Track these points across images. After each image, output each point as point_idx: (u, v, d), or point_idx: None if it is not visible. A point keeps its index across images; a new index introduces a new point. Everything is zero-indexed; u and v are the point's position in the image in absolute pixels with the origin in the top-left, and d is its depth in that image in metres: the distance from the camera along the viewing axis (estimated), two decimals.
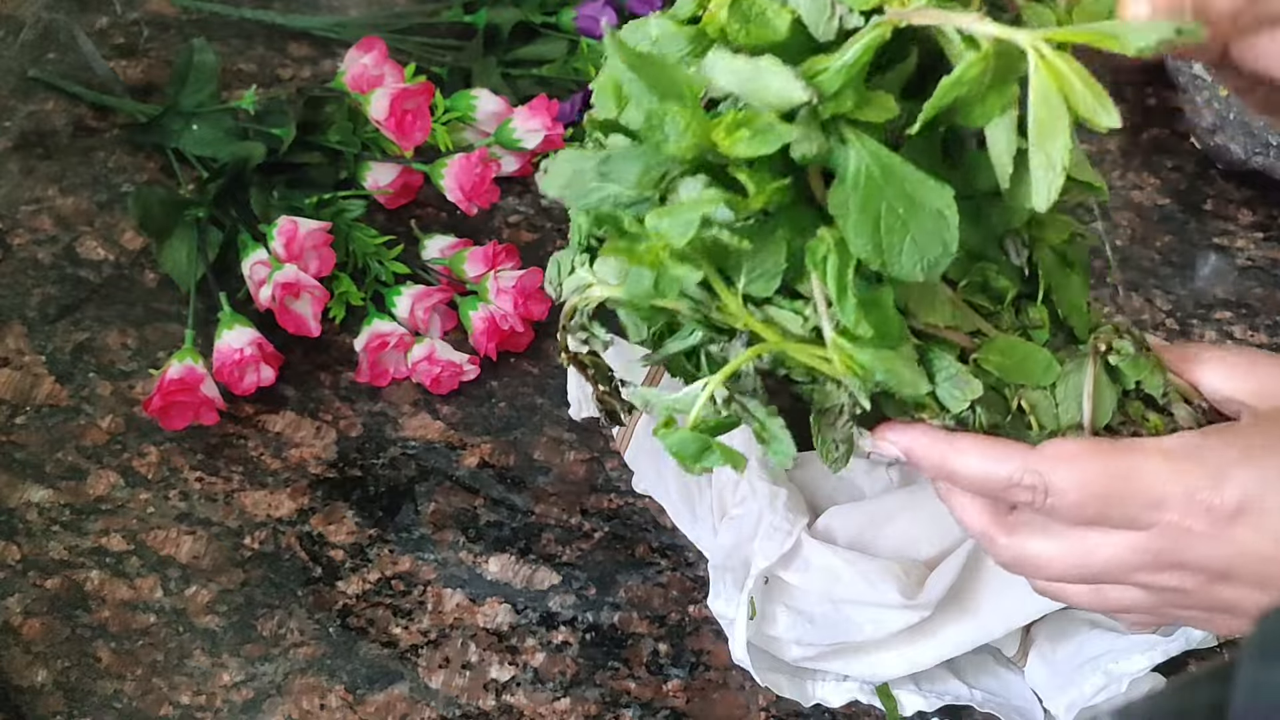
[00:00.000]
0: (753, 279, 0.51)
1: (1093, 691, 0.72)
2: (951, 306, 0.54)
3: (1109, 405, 0.54)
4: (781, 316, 0.52)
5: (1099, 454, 0.51)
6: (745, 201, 0.49)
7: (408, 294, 0.87)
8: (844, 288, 0.49)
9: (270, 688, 0.75)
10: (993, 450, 0.53)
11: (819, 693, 0.74)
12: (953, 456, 0.54)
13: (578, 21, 0.99)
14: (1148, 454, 0.51)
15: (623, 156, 0.51)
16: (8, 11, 1.05)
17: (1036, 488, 0.52)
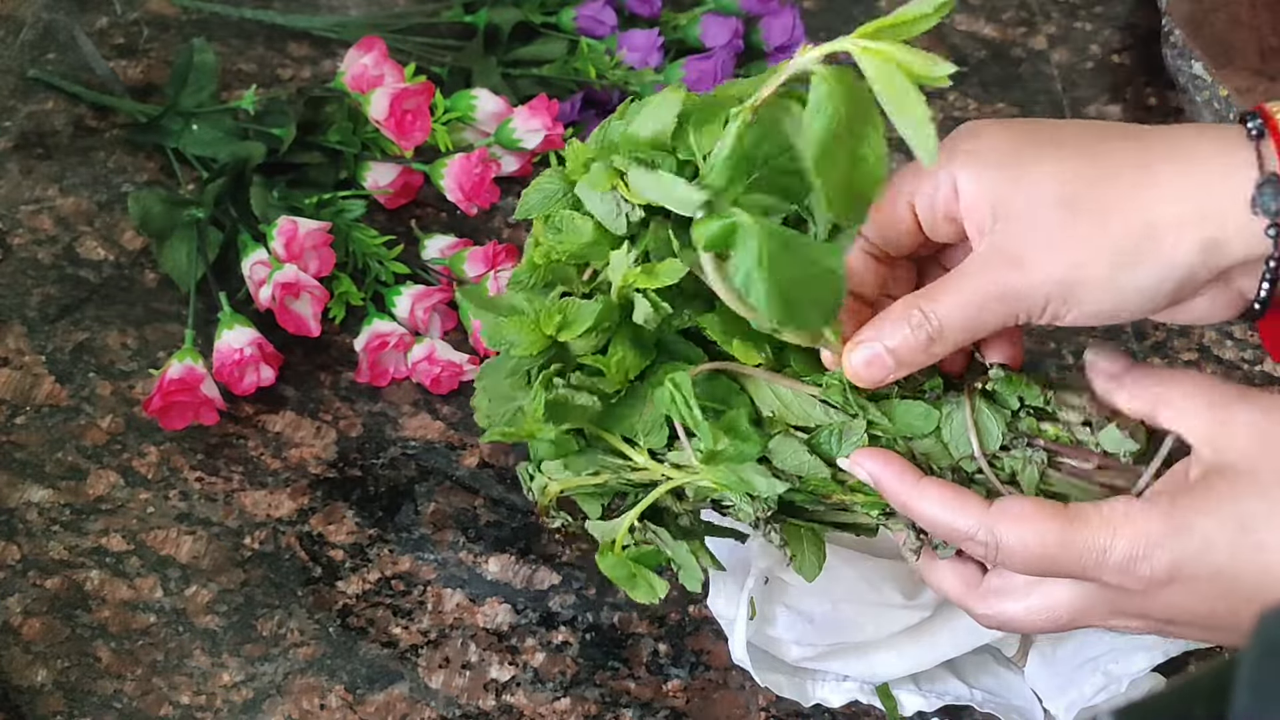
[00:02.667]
0: (648, 436, 0.62)
1: (1093, 692, 0.72)
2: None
3: (994, 430, 0.59)
4: (680, 458, 0.63)
5: (1044, 517, 0.55)
6: (605, 380, 0.61)
7: (408, 294, 0.87)
8: (695, 417, 0.59)
9: (270, 688, 0.75)
10: (953, 502, 0.58)
11: (819, 693, 0.74)
12: (916, 499, 0.58)
13: (578, 21, 0.99)
14: (1088, 521, 0.55)
15: (491, 368, 0.65)
16: (8, 11, 1.05)
17: (989, 544, 0.57)
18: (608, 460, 0.64)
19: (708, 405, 0.61)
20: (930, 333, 0.58)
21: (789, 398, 0.61)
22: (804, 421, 0.61)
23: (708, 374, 0.62)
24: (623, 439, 0.63)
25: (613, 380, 0.62)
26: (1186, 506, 0.54)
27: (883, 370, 0.59)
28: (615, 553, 0.64)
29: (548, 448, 0.63)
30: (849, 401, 0.60)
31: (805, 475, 0.61)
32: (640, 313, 0.60)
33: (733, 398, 0.62)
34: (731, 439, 0.60)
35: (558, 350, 0.62)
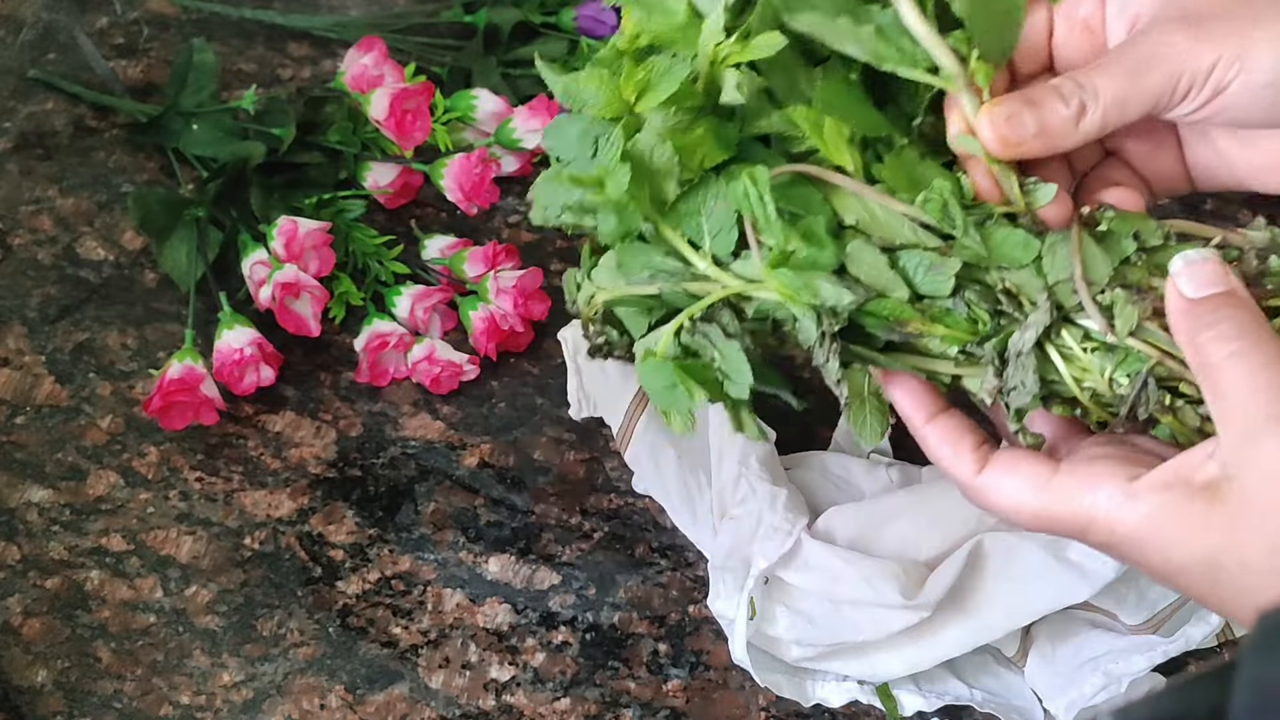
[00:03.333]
0: (714, 240, 0.57)
1: (1093, 692, 0.72)
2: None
3: (1102, 266, 0.54)
4: (745, 269, 0.57)
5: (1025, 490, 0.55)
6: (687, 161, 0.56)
7: (408, 294, 0.87)
8: (766, 212, 0.54)
9: (270, 688, 0.75)
10: (952, 450, 0.57)
11: (819, 693, 0.74)
12: (922, 432, 0.57)
13: (578, 21, 0.99)
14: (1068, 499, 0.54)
15: (558, 126, 0.59)
16: (8, 11, 1.05)
17: (979, 505, 0.57)
18: (666, 263, 0.58)
19: (785, 208, 0.55)
20: (1083, 100, 0.54)
21: (877, 210, 0.56)
22: (890, 238, 0.56)
23: (789, 179, 0.56)
24: (687, 241, 0.58)
25: (688, 164, 0.56)
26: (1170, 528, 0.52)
27: (1021, 131, 0.54)
28: (659, 356, 0.58)
29: (609, 224, 0.57)
30: (946, 218, 0.55)
31: (882, 290, 0.55)
32: (729, 89, 0.55)
33: (814, 205, 0.56)
34: (806, 243, 0.55)
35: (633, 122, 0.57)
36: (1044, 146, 0.55)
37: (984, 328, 0.55)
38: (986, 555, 0.72)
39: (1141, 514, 0.52)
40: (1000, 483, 0.55)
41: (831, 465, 0.79)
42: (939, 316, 0.56)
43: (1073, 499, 0.54)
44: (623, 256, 0.58)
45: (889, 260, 0.55)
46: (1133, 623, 0.72)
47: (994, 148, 0.55)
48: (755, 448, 0.77)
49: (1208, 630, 0.72)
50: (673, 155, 0.56)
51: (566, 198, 0.58)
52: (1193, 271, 0.53)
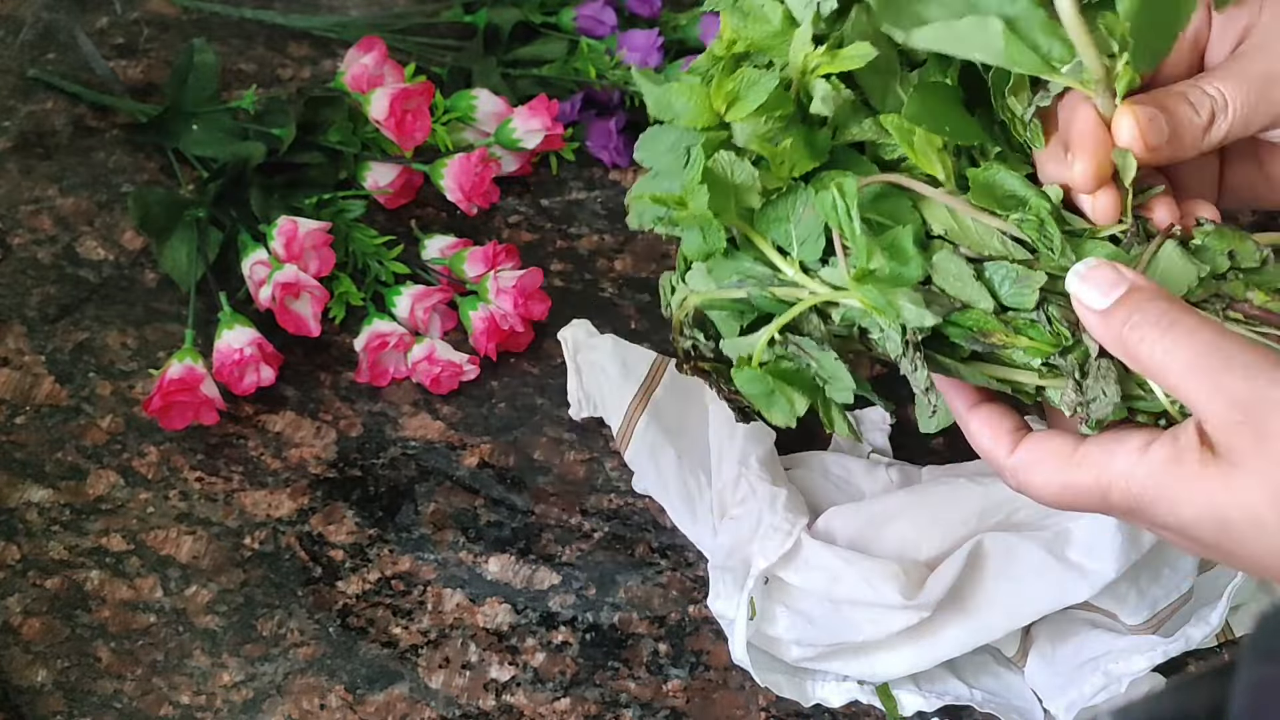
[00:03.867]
0: (802, 247, 0.57)
1: (1092, 692, 0.72)
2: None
3: (1182, 279, 0.54)
4: (832, 276, 0.57)
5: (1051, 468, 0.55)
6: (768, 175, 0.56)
7: (408, 294, 0.87)
8: (852, 227, 0.54)
9: (270, 688, 0.75)
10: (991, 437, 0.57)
11: (819, 693, 0.74)
12: (965, 418, 0.58)
13: (578, 21, 0.99)
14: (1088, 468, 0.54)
15: (650, 138, 0.60)
16: (8, 11, 1.05)
17: (1013, 486, 0.57)
18: (755, 270, 0.59)
19: (874, 219, 0.56)
20: (1214, 109, 0.54)
21: (967, 223, 0.56)
22: (978, 250, 0.56)
23: (880, 189, 0.57)
24: (775, 247, 0.58)
25: (777, 173, 0.57)
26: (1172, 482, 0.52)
27: (1158, 135, 0.54)
28: (753, 366, 0.58)
29: (694, 239, 0.58)
30: (1043, 237, 0.55)
31: (967, 302, 0.55)
32: (818, 98, 0.56)
33: (903, 214, 0.57)
34: (890, 257, 0.55)
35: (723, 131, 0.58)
36: (1171, 153, 0.55)
37: (1066, 341, 0.55)
38: (986, 555, 0.72)
39: (1148, 472, 0.52)
40: (1029, 461, 0.56)
41: (831, 465, 0.80)
42: (1023, 329, 0.56)
43: (1093, 468, 0.54)
44: (712, 264, 0.59)
45: (975, 271, 0.55)
46: (1133, 623, 0.72)
47: (1136, 149, 0.54)
48: (755, 448, 0.77)
49: (1208, 630, 0.72)
50: (753, 172, 0.56)
51: (655, 212, 0.59)
52: (1090, 281, 0.53)
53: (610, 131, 0.95)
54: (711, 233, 0.58)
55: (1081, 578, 0.71)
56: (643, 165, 0.61)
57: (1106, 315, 0.52)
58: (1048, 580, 0.71)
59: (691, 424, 0.80)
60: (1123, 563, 0.70)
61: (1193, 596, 0.73)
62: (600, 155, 0.96)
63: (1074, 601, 0.71)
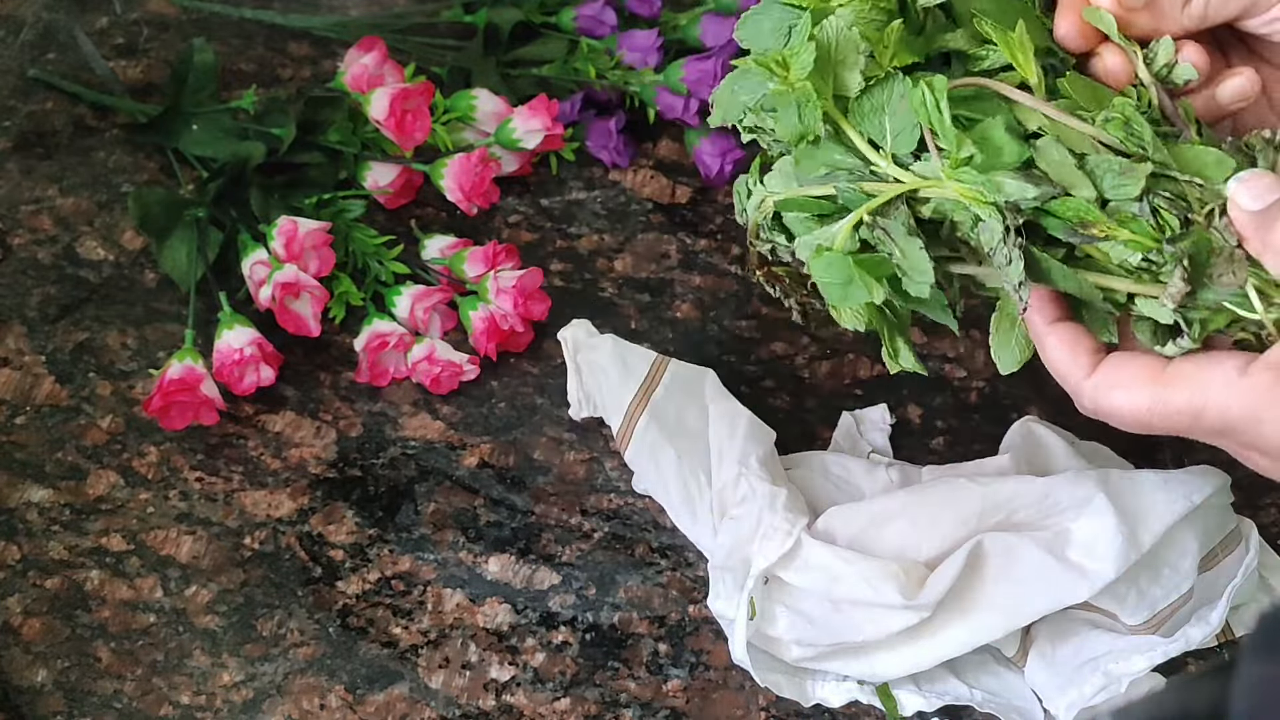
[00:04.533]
0: (895, 139, 0.57)
1: (1093, 692, 0.72)
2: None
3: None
4: (925, 170, 0.57)
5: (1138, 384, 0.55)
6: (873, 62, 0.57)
7: (408, 294, 0.87)
8: (942, 121, 0.55)
9: (270, 688, 0.75)
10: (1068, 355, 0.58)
11: (819, 692, 0.74)
12: (1043, 333, 0.59)
13: (578, 21, 0.99)
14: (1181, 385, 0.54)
15: (753, 16, 0.59)
16: (8, 11, 1.05)
17: (1090, 410, 0.58)
18: (845, 160, 0.59)
19: (965, 116, 0.56)
20: None
21: (1061, 125, 0.57)
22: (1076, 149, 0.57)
23: (972, 93, 0.57)
24: (867, 140, 0.58)
25: (880, 59, 0.57)
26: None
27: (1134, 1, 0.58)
28: (837, 249, 0.58)
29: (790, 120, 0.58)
30: (1130, 137, 0.56)
31: (1069, 186, 0.55)
32: None
33: (995, 112, 0.57)
34: (982, 149, 0.56)
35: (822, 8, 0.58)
36: (1151, 22, 0.58)
37: (1171, 233, 0.55)
38: (986, 555, 0.72)
39: (1250, 387, 0.53)
40: (1113, 380, 0.56)
41: (831, 465, 0.80)
42: (1125, 221, 0.55)
43: (1186, 387, 0.54)
44: (801, 155, 0.59)
45: (1077, 161, 0.56)
46: (1133, 623, 0.72)
47: (1109, 5, 0.57)
48: (755, 447, 0.77)
49: (1208, 630, 0.72)
50: (859, 42, 0.56)
51: (749, 95, 0.59)
52: (1249, 186, 0.55)
53: (610, 131, 0.96)
54: (809, 111, 0.57)
55: (1081, 578, 0.71)
56: (741, 44, 0.60)
57: (1259, 215, 0.54)
58: (1048, 580, 0.71)
59: (691, 424, 0.80)
60: (1122, 563, 0.70)
61: (1193, 596, 0.73)
62: (600, 155, 0.96)
63: (1074, 602, 0.71)
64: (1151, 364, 0.56)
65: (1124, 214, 0.55)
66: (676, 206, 0.95)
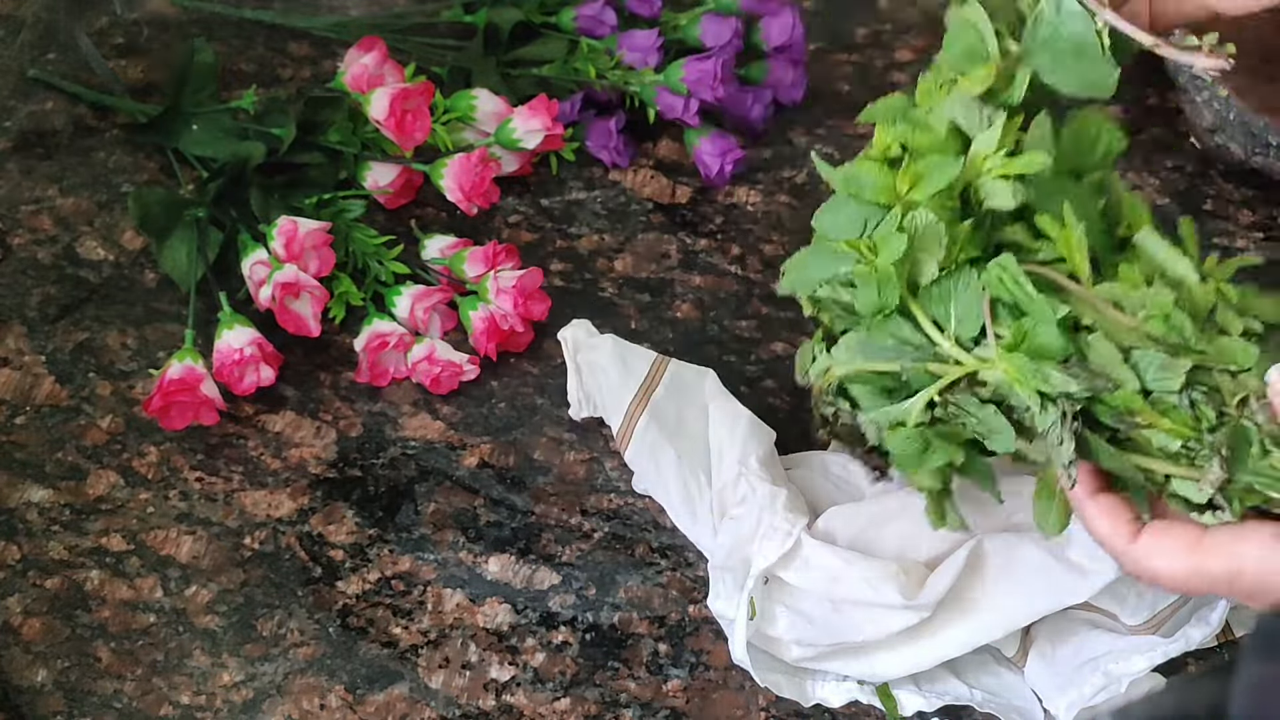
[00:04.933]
0: (960, 324, 0.63)
1: (1092, 692, 0.72)
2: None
3: None
4: (984, 354, 0.62)
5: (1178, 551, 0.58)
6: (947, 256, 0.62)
7: (408, 294, 0.87)
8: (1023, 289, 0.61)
9: (270, 688, 0.75)
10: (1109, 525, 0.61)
11: (819, 692, 0.74)
12: (1085, 505, 0.61)
13: (578, 21, 0.99)
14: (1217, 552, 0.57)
15: (831, 208, 0.65)
16: (8, 11, 1.05)
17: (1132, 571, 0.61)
18: (912, 338, 0.64)
19: (1018, 308, 0.61)
20: None
21: (1109, 316, 0.61)
22: (1122, 340, 0.61)
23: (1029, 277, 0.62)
24: (934, 324, 0.64)
25: (950, 252, 0.63)
26: None
27: None
28: (910, 425, 0.64)
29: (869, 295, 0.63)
30: (1170, 331, 0.60)
31: (1115, 380, 0.60)
32: (1001, 195, 0.62)
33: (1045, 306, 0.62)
34: (1031, 339, 0.61)
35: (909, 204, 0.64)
36: None
37: (1209, 423, 0.59)
38: (986, 555, 0.72)
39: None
40: (1155, 547, 0.59)
41: (831, 465, 0.80)
42: (1166, 411, 0.60)
43: (1223, 556, 0.57)
44: (874, 328, 0.64)
45: (1123, 356, 0.60)
46: (1133, 623, 0.72)
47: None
48: (755, 447, 0.77)
49: (1208, 631, 0.72)
50: (943, 234, 0.62)
51: (822, 271, 0.65)
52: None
53: (610, 131, 0.96)
54: (888, 290, 0.63)
55: (1082, 578, 0.71)
56: (819, 230, 0.66)
57: None
58: (1048, 580, 0.71)
59: (691, 424, 0.80)
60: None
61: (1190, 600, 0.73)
62: (600, 155, 0.96)
63: (1074, 602, 0.71)
64: (1189, 533, 0.59)
65: (1166, 404, 0.60)
66: (676, 206, 0.95)
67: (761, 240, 0.93)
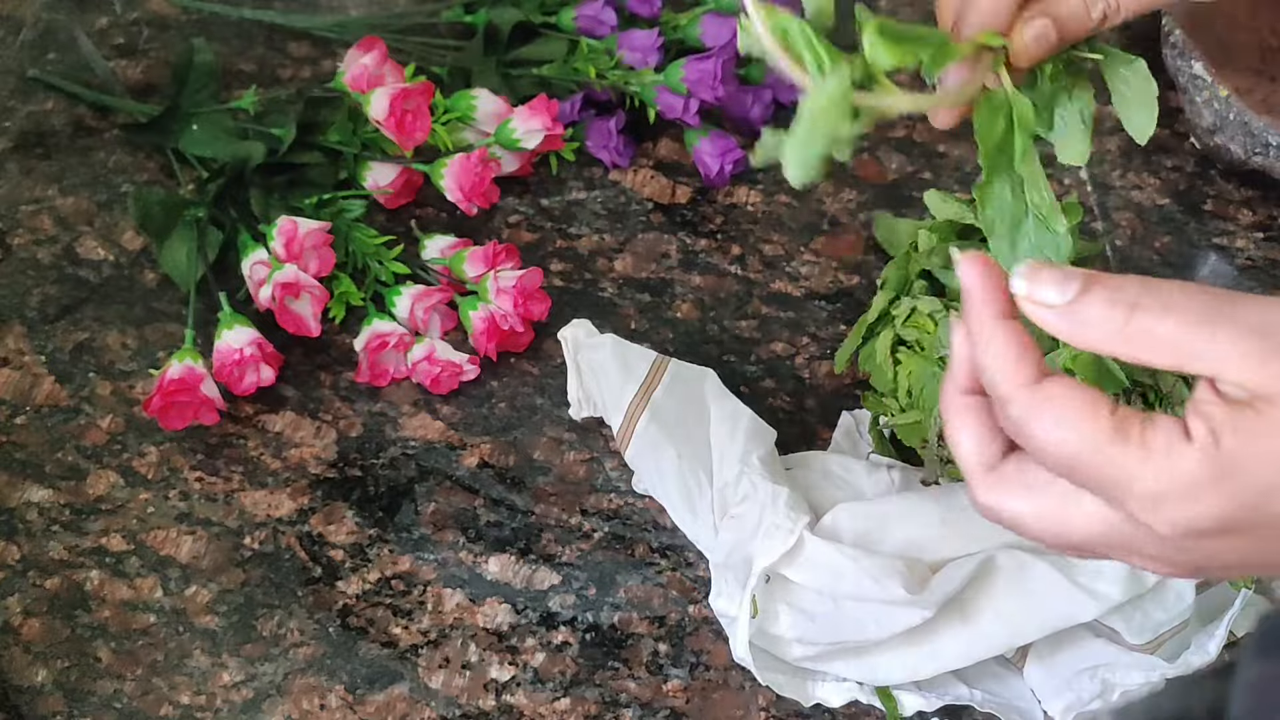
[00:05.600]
0: None
1: (1090, 697, 0.73)
2: None
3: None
4: None
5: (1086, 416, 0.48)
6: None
7: (408, 294, 0.87)
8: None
9: (270, 688, 0.75)
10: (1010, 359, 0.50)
11: (819, 692, 0.74)
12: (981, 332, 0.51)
13: (578, 21, 0.99)
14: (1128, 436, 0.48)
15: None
16: (8, 11, 1.05)
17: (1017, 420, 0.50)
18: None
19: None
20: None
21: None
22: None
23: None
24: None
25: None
26: (1234, 449, 0.46)
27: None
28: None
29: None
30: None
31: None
32: None
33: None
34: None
35: None
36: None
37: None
38: (998, 569, 0.72)
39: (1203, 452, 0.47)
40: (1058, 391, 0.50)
41: (832, 465, 0.79)
42: None
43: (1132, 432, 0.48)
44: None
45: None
46: (1135, 642, 0.72)
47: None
48: (756, 446, 0.77)
49: (1206, 659, 0.72)
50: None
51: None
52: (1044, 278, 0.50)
53: (610, 131, 0.96)
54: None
55: (1090, 599, 0.71)
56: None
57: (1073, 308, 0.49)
58: (1057, 598, 0.71)
59: (691, 423, 0.80)
60: (1128, 589, 0.70)
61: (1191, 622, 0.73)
62: (600, 155, 0.96)
63: (1080, 621, 0.71)
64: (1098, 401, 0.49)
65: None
66: (676, 206, 0.95)
67: (761, 240, 0.93)
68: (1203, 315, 0.47)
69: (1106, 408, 0.48)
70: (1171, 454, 0.47)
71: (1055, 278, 0.49)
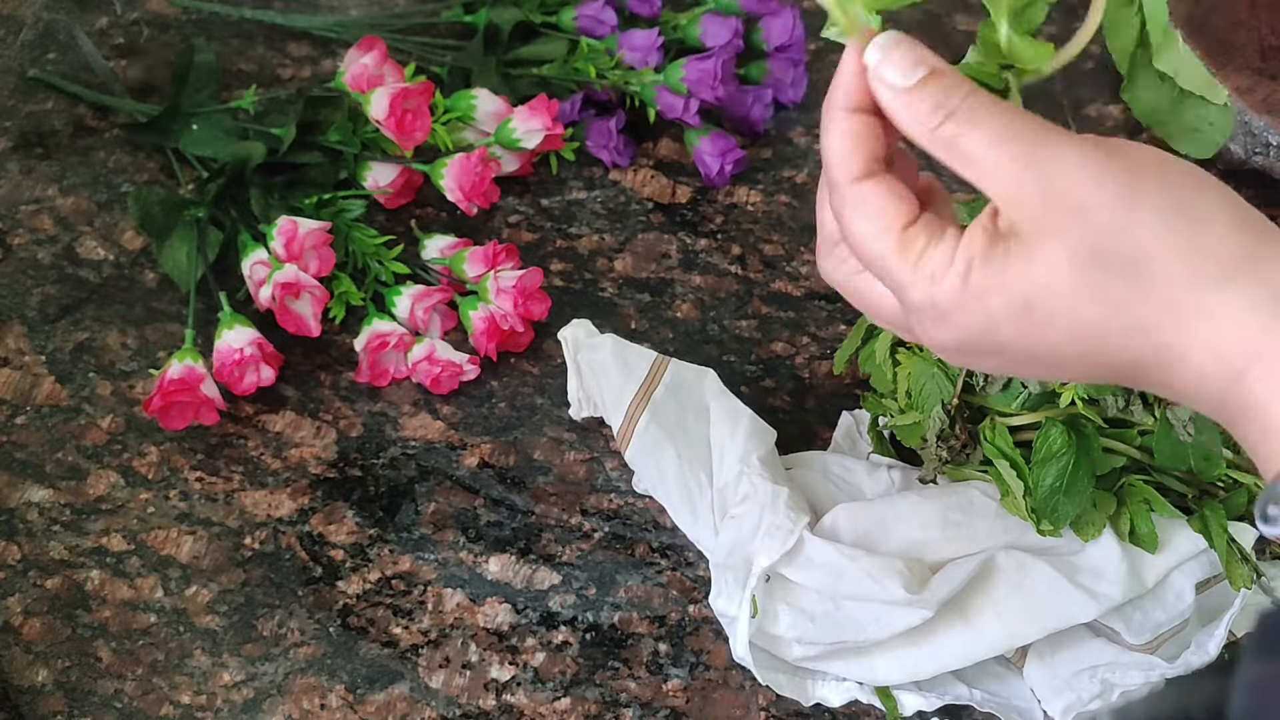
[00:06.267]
0: None
1: (1089, 697, 0.72)
2: None
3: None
4: None
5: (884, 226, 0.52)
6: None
7: (408, 294, 0.87)
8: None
9: (270, 688, 0.75)
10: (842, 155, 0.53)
11: (819, 692, 0.74)
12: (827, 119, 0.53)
13: (578, 21, 0.99)
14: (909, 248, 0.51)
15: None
16: (8, 11, 1.05)
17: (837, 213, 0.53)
18: None
19: None
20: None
21: None
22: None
23: None
24: None
25: None
26: (979, 285, 0.49)
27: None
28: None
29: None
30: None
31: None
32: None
33: None
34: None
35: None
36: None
37: None
38: (999, 570, 0.72)
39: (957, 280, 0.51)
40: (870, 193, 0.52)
41: (832, 465, 0.80)
42: None
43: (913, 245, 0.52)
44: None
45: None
46: (1135, 642, 0.72)
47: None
48: (756, 446, 0.77)
49: (1206, 659, 0.72)
50: None
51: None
52: (894, 57, 0.51)
53: (610, 131, 0.96)
54: None
55: (1091, 600, 0.71)
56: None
57: (912, 93, 0.51)
58: (1057, 598, 0.71)
59: (691, 423, 0.80)
60: (1129, 590, 0.70)
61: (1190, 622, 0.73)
62: (600, 155, 0.96)
63: (1079, 622, 0.71)
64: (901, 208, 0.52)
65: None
66: (676, 206, 0.95)
67: (761, 240, 0.93)
68: (1007, 138, 0.50)
69: (904, 220, 0.52)
70: (934, 278, 0.51)
71: (905, 60, 0.51)
